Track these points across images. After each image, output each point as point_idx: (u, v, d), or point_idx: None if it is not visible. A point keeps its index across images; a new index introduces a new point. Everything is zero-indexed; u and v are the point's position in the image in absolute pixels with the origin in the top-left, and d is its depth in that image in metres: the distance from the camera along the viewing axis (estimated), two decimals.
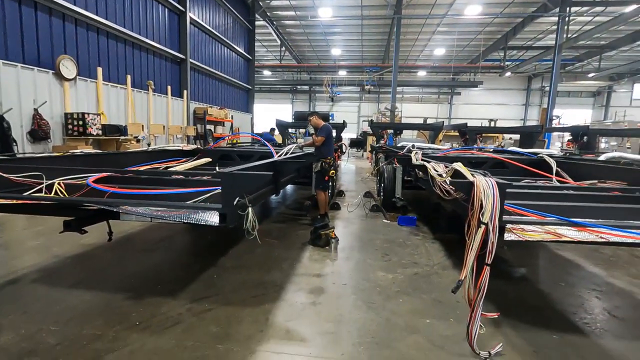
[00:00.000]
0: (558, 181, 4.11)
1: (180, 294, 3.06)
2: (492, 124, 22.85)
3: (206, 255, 4.06)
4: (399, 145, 8.37)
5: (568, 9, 15.27)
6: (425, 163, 3.75)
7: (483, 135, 15.49)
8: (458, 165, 2.68)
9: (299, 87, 32.43)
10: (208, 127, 13.25)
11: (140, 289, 3.15)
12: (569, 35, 16.44)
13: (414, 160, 4.40)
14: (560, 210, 2.30)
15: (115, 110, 9.40)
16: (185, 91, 12.33)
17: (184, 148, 5.53)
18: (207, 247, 4.44)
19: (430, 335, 2.54)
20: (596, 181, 3.72)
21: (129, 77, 9.70)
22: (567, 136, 14.32)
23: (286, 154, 4.68)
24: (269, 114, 29.07)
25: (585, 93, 30.06)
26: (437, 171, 3.20)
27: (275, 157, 4.27)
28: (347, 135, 25.32)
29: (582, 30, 16.87)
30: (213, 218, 2.21)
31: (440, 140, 15.82)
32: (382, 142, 10.94)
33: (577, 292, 3.42)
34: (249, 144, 9.00)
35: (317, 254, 4.18)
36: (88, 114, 7.78)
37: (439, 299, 3.08)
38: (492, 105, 30.31)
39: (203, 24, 13.34)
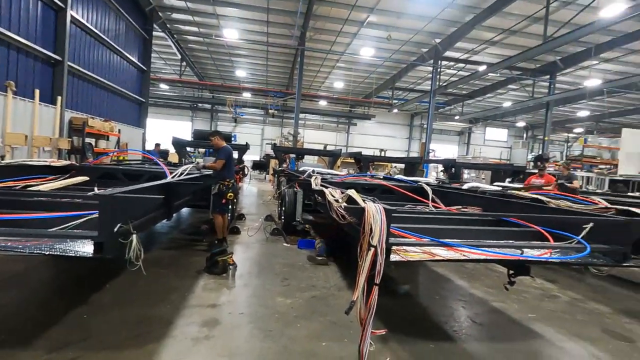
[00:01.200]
0: (433, 206, 4.75)
1: (36, 342, 2.50)
2: (383, 154, 25.53)
3: (75, 291, 3.44)
4: (300, 169, 8.62)
5: (439, 62, 18.37)
6: (324, 188, 3.93)
7: (375, 163, 17.06)
8: (352, 192, 2.89)
9: (200, 104, 31.04)
10: (88, 140, 11.54)
11: None
12: (440, 83, 19.71)
13: (313, 185, 4.57)
14: (434, 232, 2.65)
15: None
16: (59, 97, 10.58)
17: (53, 163, 4.68)
18: (76, 280, 3.77)
19: (326, 358, 2.59)
20: (461, 207, 4.42)
21: None
22: (441, 167, 16.79)
23: (181, 174, 4.36)
24: (165, 130, 26.99)
25: (452, 132, 36.00)
26: (334, 197, 3.38)
27: (169, 178, 3.95)
28: (250, 157, 25.07)
29: (450, 80, 20.42)
30: (85, 248, 1.90)
31: (339, 166, 16.88)
32: (284, 165, 11.12)
33: (448, 303, 3.94)
34: (139, 162, 8.15)
35: (212, 283, 3.93)
36: None
37: (335, 321, 3.19)
38: (383, 137, 33.88)
39: (88, 25, 11.82)
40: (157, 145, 13.14)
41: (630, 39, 14.04)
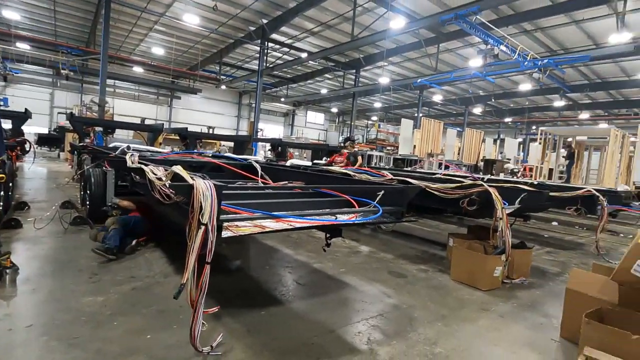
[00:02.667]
0: (262, 182, 4.95)
1: None
2: (211, 131, 24.53)
3: None
4: (110, 145, 7.30)
5: (266, 43, 18.81)
6: (143, 166, 3.46)
7: (203, 140, 16.25)
8: (178, 169, 2.66)
9: None
10: None
11: None
12: (267, 65, 20.30)
13: (129, 163, 3.97)
14: (264, 206, 2.77)
15: None
16: None
17: None
18: None
19: (151, 350, 2.36)
20: (287, 182, 4.77)
21: None
22: (269, 146, 17.56)
23: None
24: None
25: (279, 113, 38.05)
26: (155, 174, 3.02)
27: None
28: (35, 129, 19.37)
29: (276, 63, 21.30)
30: None
31: (161, 143, 15.17)
32: (87, 141, 9.21)
33: (277, 271, 4.25)
34: None
35: None
36: None
37: (162, 309, 2.93)
38: (210, 113, 32.45)
39: None
40: None
41: (408, 48, 18.17)
